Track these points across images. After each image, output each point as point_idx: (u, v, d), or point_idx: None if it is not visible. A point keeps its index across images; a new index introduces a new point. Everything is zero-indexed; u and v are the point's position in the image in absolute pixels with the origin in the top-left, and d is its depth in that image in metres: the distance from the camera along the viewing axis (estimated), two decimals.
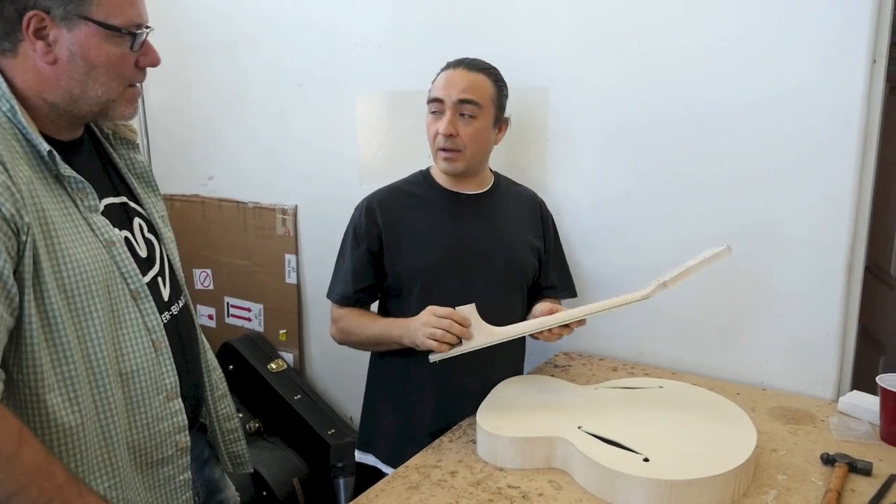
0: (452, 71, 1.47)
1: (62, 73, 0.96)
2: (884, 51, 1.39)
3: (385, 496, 1.18)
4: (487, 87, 1.47)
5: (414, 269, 1.48)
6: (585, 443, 1.20)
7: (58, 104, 0.98)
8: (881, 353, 2.07)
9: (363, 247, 1.51)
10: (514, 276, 1.55)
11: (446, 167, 1.48)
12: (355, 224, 1.53)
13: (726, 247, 1.29)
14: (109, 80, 0.99)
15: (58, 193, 0.96)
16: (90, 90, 0.98)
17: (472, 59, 1.50)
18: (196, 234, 2.52)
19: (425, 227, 1.50)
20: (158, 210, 1.20)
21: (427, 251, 1.48)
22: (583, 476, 1.19)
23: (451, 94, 1.44)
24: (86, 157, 1.07)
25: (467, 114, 1.45)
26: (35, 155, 0.94)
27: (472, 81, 1.45)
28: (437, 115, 1.47)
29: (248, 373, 2.33)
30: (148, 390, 1.02)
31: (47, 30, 0.94)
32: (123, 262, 1.01)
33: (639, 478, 1.10)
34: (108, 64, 0.98)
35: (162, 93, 2.55)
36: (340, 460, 2.07)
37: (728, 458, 1.14)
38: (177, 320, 1.13)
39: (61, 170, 0.96)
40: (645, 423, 1.27)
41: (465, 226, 1.52)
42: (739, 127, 1.53)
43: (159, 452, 1.05)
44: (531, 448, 1.24)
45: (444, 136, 1.44)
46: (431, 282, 1.48)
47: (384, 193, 1.55)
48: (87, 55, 0.96)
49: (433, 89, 1.48)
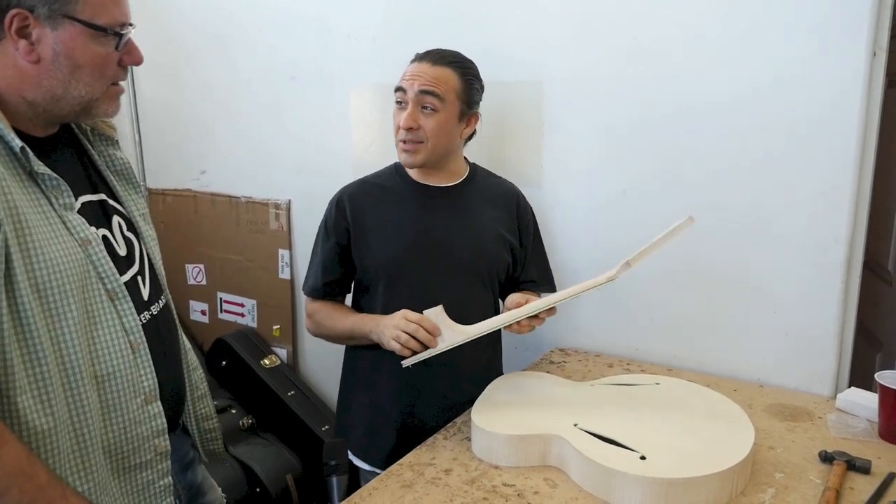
0: (418, 63, 1.46)
1: (45, 73, 0.94)
2: (884, 43, 1.37)
3: (379, 494, 1.17)
4: (452, 80, 1.45)
5: (380, 263, 1.49)
6: (581, 440, 1.18)
7: (38, 103, 0.96)
8: (878, 350, 2.06)
9: (332, 240, 1.53)
10: (482, 269, 1.53)
11: (406, 159, 1.48)
12: (326, 217, 1.55)
13: (689, 217, 1.26)
14: (93, 79, 0.98)
15: (32, 191, 0.93)
16: (73, 90, 0.97)
17: (441, 51, 1.48)
18: (188, 229, 2.50)
19: (393, 220, 1.50)
20: (139, 208, 1.17)
21: (393, 244, 1.48)
22: (578, 474, 1.17)
23: (413, 85, 1.43)
24: (62, 154, 1.04)
25: (429, 106, 1.43)
26: (8, 151, 0.92)
27: (435, 75, 1.43)
28: (402, 106, 1.45)
29: (241, 369, 2.32)
30: (125, 393, 1.00)
31: (30, 28, 0.92)
32: (100, 262, 0.99)
33: (635, 476, 1.09)
34: (92, 64, 0.97)
35: (153, 87, 2.52)
36: (334, 458, 2.05)
37: (725, 456, 1.12)
38: (157, 320, 1.10)
39: (34, 167, 0.93)
40: (641, 420, 1.26)
41: (434, 218, 1.51)
42: (737, 120, 1.52)
43: (137, 457, 1.02)
44: (526, 446, 1.23)
45: (405, 129, 1.44)
46: (397, 274, 1.48)
47: (355, 187, 1.56)
48: (71, 55, 0.94)
49: (400, 79, 1.47)
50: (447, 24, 1.83)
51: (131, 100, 2.54)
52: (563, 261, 1.78)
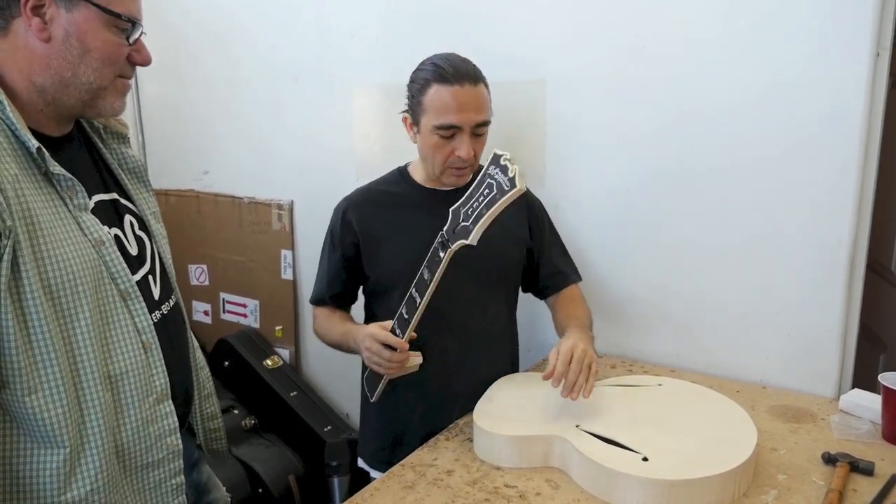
0: (459, 88, 1.34)
1: (54, 53, 0.94)
2: (887, 44, 1.37)
3: (380, 495, 1.16)
4: (487, 97, 1.40)
5: (395, 270, 1.45)
6: (584, 442, 1.18)
7: (46, 88, 0.96)
8: (882, 351, 2.05)
9: (338, 252, 1.51)
10: (497, 268, 1.51)
11: (455, 182, 1.44)
12: (332, 228, 1.53)
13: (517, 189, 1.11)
14: (102, 66, 0.98)
15: (46, 191, 0.94)
16: (81, 75, 0.96)
17: (469, 67, 1.39)
18: (191, 230, 2.51)
19: (405, 227, 1.47)
20: (150, 206, 1.18)
21: (408, 250, 1.43)
22: (581, 475, 1.17)
23: (470, 118, 1.35)
24: (75, 153, 1.05)
25: (480, 133, 1.40)
26: (24, 151, 0.92)
27: (480, 101, 1.37)
28: (449, 138, 1.37)
29: (243, 369, 2.32)
30: (138, 392, 1.00)
31: (45, 8, 0.92)
32: (113, 262, 0.99)
33: (637, 477, 1.09)
34: (103, 50, 0.97)
35: (156, 87, 2.53)
36: (335, 458, 2.06)
37: (728, 458, 1.12)
38: (167, 319, 1.11)
39: (50, 167, 0.93)
40: (644, 421, 1.26)
41: (444, 222, 1.48)
42: (739, 120, 1.51)
43: (149, 456, 1.03)
44: (528, 447, 1.23)
45: (465, 158, 1.38)
46: (412, 280, 1.43)
47: (359, 195, 1.53)
48: (83, 38, 0.95)
49: (440, 112, 1.35)
50: (450, 23, 1.83)
51: (134, 100, 2.55)
52: None
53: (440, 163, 1.40)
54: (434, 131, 1.37)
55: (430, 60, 1.41)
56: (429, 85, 1.37)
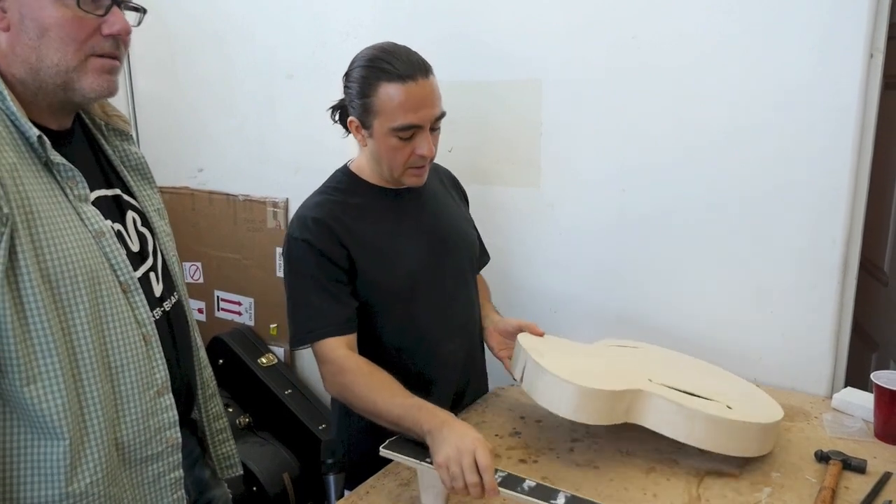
0: (413, 84, 1.22)
1: (16, 41, 0.93)
2: (881, 45, 1.38)
3: (376, 493, 1.17)
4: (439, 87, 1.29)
5: (395, 281, 1.33)
6: (672, 394, 1.21)
7: (25, 80, 0.94)
8: (874, 350, 2.07)
9: (332, 268, 1.29)
10: (473, 257, 1.51)
11: (417, 182, 1.34)
12: (304, 253, 1.29)
13: None
14: (63, 44, 0.93)
15: (46, 181, 0.93)
16: (45, 57, 0.93)
17: (416, 58, 1.26)
18: (186, 227, 2.50)
19: (391, 235, 1.34)
20: (154, 203, 1.17)
21: (404, 259, 1.34)
22: (673, 428, 1.19)
23: (429, 114, 1.25)
24: (77, 147, 1.04)
25: (437, 127, 1.30)
26: (23, 141, 0.91)
27: (436, 91, 1.27)
28: (408, 138, 1.27)
29: (238, 367, 2.31)
30: (138, 384, 1.00)
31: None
32: (113, 254, 0.98)
33: (743, 423, 1.18)
34: (58, 26, 0.92)
35: (150, 84, 2.51)
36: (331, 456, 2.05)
37: (773, 410, 1.27)
38: (168, 316, 1.11)
39: (50, 156, 0.93)
40: (689, 375, 1.34)
41: (426, 219, 1.40)
42: (734, 121, 1.52)
43: (148, 449, 1.02)
44: (612, 401, 1.19)
45: (427, 157, 1.29)
46: (415, 289, 1.35)
47: (324, 208, 1.33)
48: (36, 16, 0.92)
49: (397, 113, 1.23)
50: (445, 22, 1.83)
51: (128, 96, 2.53)
52: (561, 260, 1.78)
53: (400, 164, 1.30)
54: (391, 134, 1.26)
55: (368, 55, 1.28)
56: (376, 84, 1.24)
